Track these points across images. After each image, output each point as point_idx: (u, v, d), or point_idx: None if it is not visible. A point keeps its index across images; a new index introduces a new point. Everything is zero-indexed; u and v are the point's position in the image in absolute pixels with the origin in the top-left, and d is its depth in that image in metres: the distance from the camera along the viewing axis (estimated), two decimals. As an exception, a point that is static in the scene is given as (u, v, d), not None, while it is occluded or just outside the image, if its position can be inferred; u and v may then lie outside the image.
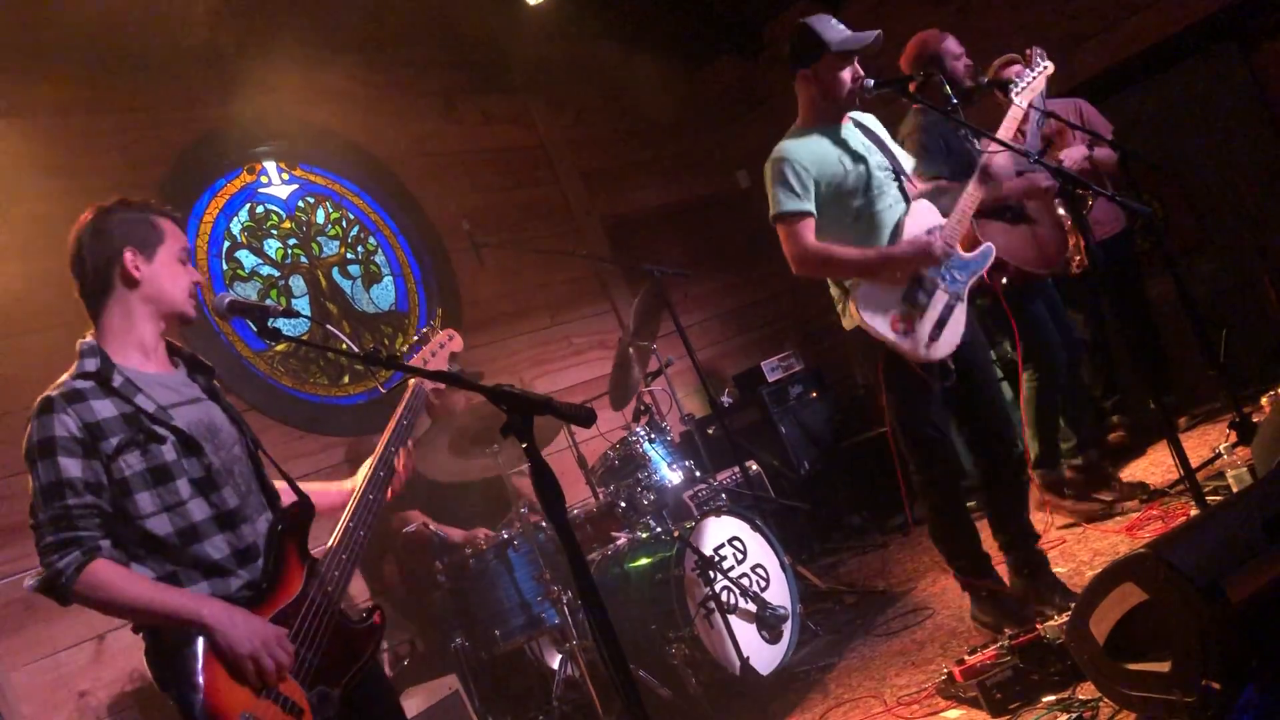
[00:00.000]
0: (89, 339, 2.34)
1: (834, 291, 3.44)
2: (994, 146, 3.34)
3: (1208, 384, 5.06)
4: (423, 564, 4.52)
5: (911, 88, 3.48)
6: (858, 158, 3.37)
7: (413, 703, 3.65)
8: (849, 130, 3.45)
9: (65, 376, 2.26)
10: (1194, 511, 3.41)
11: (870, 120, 3.54)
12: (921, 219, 3.35)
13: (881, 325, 3.18)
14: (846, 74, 3.33)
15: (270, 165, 5.34)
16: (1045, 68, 3.64)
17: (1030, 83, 3.60)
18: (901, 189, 3.44)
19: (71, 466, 2.15)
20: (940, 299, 3.26)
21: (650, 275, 5.10)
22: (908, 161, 3.57)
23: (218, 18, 4.83)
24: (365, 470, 2.56)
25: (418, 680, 4.18)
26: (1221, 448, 3.95)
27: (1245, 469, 3.53)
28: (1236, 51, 5.70)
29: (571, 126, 6.92)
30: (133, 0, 4.51)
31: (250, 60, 5.19)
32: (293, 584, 2.32)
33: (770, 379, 6.22)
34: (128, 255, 2.34)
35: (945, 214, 3.37)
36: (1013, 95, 3.55)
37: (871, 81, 3.30)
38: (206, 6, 4.76)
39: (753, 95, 7.59)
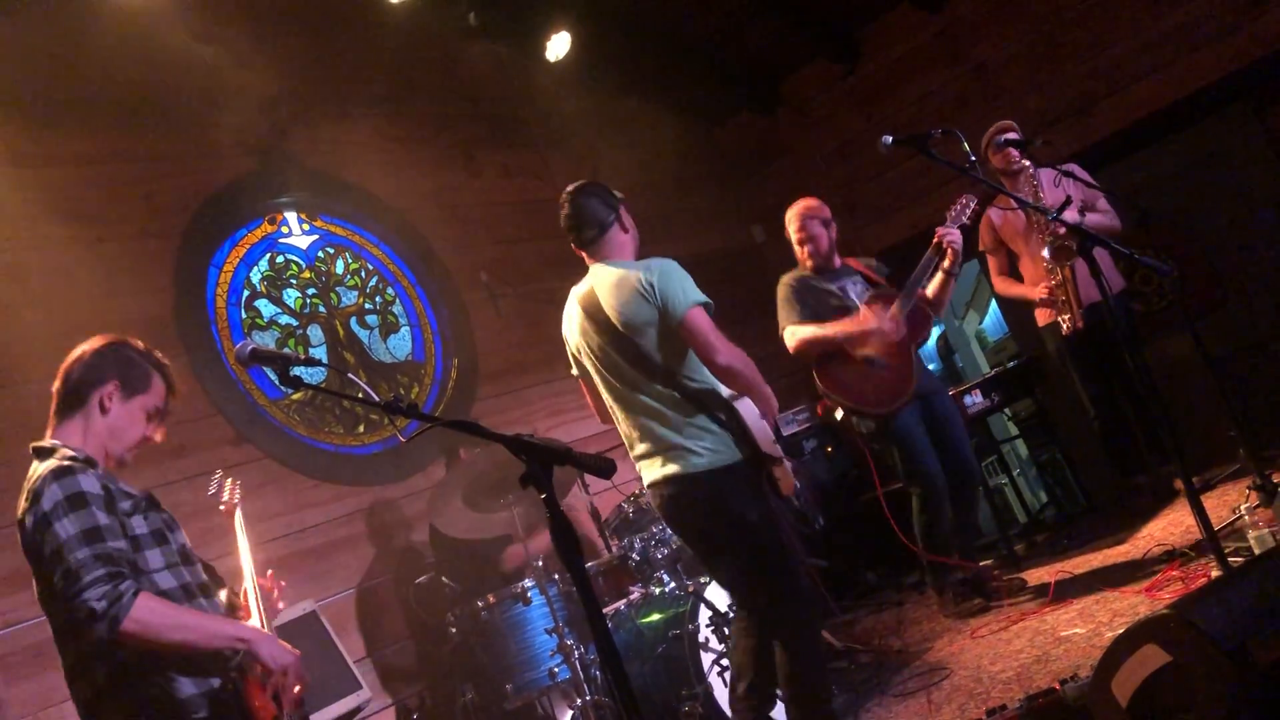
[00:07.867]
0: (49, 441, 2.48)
1: (666, 440, 3.48)
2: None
3: (1227, 444, 5.01)
4: (434, 615, 4.49)
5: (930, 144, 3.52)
6: None
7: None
8: None
9: (52, 461, 2.35)
10: (1216, 573, 3.37)
11: None
12: None
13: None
14: None
15: (291, 216, 5.39)
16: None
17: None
18: None
19: (103, 517, 2.28)
20: None
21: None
22: None
23: (243, 71, 4.91)
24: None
25: (427, 734, 4.14)
26: (1243, 508, 3.91)
27: (1268, 531, 3.48)
28: (1251, 112, 5.74)
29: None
30: (158, 51, 4.59)
31: (274, 112, 5.27)
32: None
33: (785, 432, 6.18)
34: (109, 386, 2.51)
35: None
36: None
37: (890, 138, 3.35)
38: (231, 59, 4.84)
39: (769, 151, 7.68)
